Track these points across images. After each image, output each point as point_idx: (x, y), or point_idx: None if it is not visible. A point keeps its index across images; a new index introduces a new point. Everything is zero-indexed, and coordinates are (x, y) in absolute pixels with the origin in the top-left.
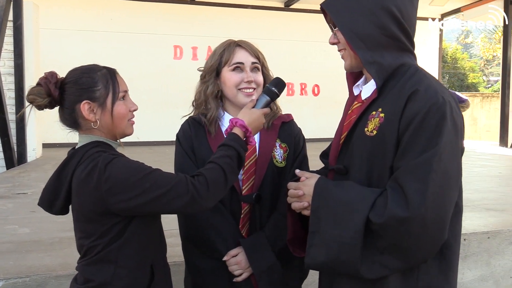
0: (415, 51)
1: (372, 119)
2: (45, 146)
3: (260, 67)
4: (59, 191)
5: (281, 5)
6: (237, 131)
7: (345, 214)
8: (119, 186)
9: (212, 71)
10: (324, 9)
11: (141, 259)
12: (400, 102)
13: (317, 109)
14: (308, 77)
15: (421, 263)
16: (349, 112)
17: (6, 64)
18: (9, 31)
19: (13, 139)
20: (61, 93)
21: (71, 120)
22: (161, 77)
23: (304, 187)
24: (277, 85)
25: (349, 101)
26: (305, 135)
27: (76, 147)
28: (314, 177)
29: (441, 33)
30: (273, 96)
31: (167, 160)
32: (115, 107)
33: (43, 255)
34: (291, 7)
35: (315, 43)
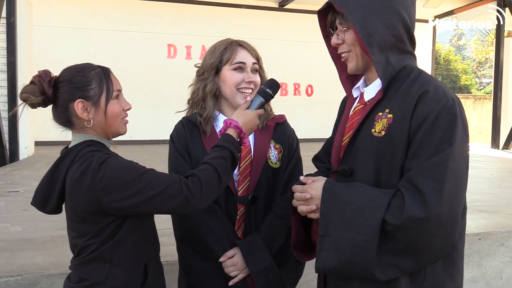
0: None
1: (379, 120)
2: (38, 144)
3: (258, 68)
4: (53, 190)
5: (275, 5)
6: (231, 132)
7: (357, 216)
8: (113, 186)
9: (212, 69)
10: (336, 5)
11: (135, 258)
12: (409, 103)
13: (310, 109)
14: (301, 77)
15: (432, 263)
16: (351, 114)
17: None
18: (2, 28)
19: (5, 136)
20: (54, 91)
21: (64, 118)
22: (154, 76)
23: (311, 190)
24: (271, 87)
25: (349, 103)
26: (298, 135)
27: (70, 146)
28: (321, 179)
29: (435, 33)
30: (267, 97)
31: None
32: (108, 106)
33: (35, 253)
34: (285, 7)
35: (309, 43)
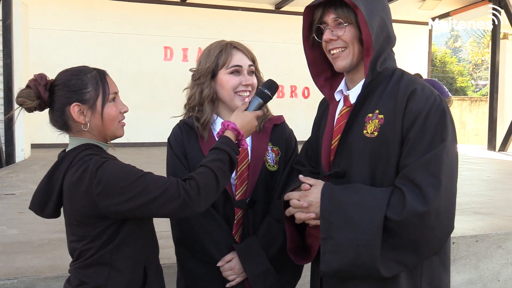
0: (403, 54)
1: (370, 121)
2: (34, 146)
3: (255, 69)
4: (50, 194)
5: (271, 7)
6: (229, 134)
7: (359, 216)
8: (110, 190)
9: (208, 73)
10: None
11: (135, 261)
12: (399, 102)
13: (307, 112)
14: (298, 79)
15: (432, 255)
16: (337, 117)
17: None
18: None
19: (1, 139)
20: (50, 95)
21: (61, 122)
22: (151, 78)
23: (310, 194)
24: (270, 87)
25: (332, 106)
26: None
27: (67, 149)
28: (319, 184)
29: (431, 36)
30: (265, 98)
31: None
32: (105, 109)
33: (32, 256)
34: (282, 9)
35: None
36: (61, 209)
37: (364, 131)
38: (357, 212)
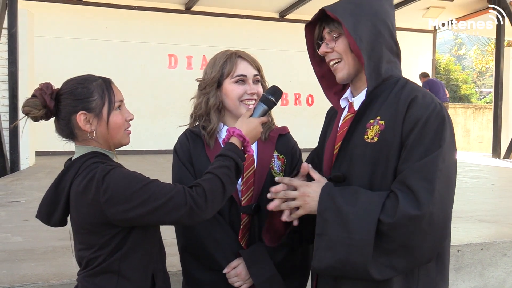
0: (407, 62)
1: (371, 126)
2: (38, 154)
3: (260, 78)
4: (57, 203)
5: (275, 15)
6: (234, 140)
7: (353, 217)
8: (117, 197)
9: (214, 83)
10: (330, 12)
11: (143, 269)
12: (400, 109)
13: (311, 119)
14: (302, 87)
15: (426, 262)
16: (341, 123)
17: (0, 71)
18: (3, 39)
19: (6, 146)
20: (56, 104)
21: (67, 131)
22: (155, 86)
23: (310, 186)
24: (274, 94)
25: (338, 114)
26: (300, 145)
27: (73, 158)
28: (322, 180)
29: (435, 43)
30: (270, 104)
31: (160, 169)
32: (111, 117)
33: (36, 264)
34: (286, 17)
35: None
36: (68, 218)
37: (365, 137)
38: (352, 212)
